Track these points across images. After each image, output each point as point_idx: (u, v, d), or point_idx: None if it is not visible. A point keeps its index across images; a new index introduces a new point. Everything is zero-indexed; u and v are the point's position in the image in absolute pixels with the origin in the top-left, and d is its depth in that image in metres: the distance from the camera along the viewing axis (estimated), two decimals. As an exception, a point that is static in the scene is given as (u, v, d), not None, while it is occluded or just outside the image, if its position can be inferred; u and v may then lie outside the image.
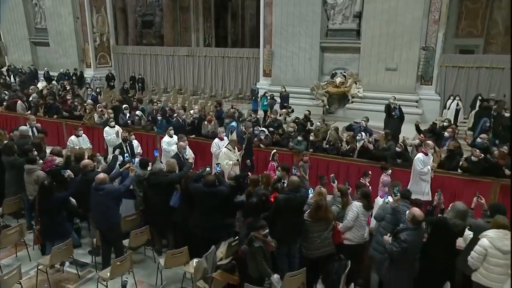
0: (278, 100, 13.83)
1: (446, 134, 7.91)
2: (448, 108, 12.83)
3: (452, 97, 12.86)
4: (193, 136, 9.03)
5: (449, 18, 16.69)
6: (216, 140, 8.11)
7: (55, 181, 5.62)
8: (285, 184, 5.65)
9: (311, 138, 8.39)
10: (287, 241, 4.83)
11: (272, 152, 7.52)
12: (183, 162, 6.78)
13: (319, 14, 14.31)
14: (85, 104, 11.14)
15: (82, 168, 5.81)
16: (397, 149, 7.54)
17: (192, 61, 19.03)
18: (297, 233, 4.89)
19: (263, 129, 8.99)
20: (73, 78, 17.71)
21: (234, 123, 9.33)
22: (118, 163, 6.79)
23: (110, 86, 18.60)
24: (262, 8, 15.48)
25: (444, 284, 4.40)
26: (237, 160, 7.64)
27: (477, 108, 11.90)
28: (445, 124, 8.97)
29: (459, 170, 7.19)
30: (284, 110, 13.35)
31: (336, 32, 14.54)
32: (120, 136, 8.45)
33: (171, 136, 8.27)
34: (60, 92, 13.94)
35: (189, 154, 7.71)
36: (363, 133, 8.23)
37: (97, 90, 15.36)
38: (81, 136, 8.70)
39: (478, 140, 7.82)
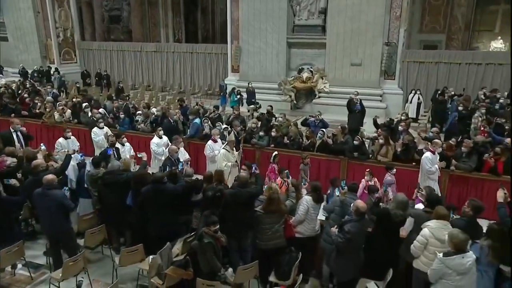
0: (245, 95, 13.88)
1: (400, 127, 8.20)
2: (410, 102, 13.31)
3: (413, 91, 13.32)
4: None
5: (414, 14, 17.24)
6: (210, 142, 7.75)
7: (3, 185, 5.44)
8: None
9: (273, 133, 8.49)
10: (235, 236, 4.92)
11: (273, 154, 7.41)
12: (176, 165, 6.57)
13: (285, 10, 14.46)
14: (45, 102, 10.80)
15: (33, 168, 5.67)
16: (355, 142, 7.73)
17: (160, 57, 18.80)
18: (245, 228, 4.99)
19: (226, 126, 9.00)
20: (35, 74, 17.08)
21: (197, 120, 9.32)
22: (76, 162, 6.70)
23: (86, 84, 18.10)
24: (229, 3, 15.44)
25: (388, 272, 4.61)
26: (236, 161, 7.47)
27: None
28: (402, 117, 9.28)
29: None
30: (252, 106, 13.38)
31: (302, 28, 14.72)
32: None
33: (160, 137, 7.85)
34: (19, 91, 13.44)
35: (183, 156, 7.28)
36: (324, 130, 8.40)
37: (62, 88, 14.95)
38: (70, 138, 7.93)
39: (430, 133, 8.16)
